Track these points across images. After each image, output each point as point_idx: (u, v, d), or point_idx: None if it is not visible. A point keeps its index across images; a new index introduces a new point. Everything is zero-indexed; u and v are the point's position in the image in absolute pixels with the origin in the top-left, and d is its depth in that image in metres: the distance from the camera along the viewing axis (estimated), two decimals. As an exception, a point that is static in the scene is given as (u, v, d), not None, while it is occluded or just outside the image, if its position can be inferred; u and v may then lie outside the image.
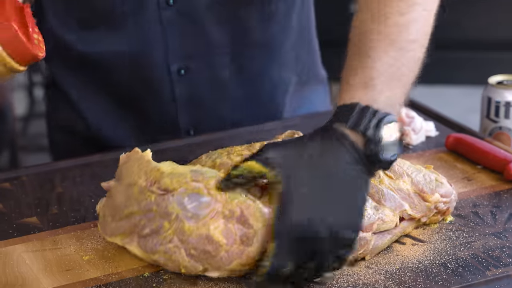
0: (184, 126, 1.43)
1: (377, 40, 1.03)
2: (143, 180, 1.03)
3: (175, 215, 1.00)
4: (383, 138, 0.97)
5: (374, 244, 1.03)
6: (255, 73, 1.43)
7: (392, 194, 1.07)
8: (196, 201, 0.99)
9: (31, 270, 1.03)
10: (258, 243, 0.97)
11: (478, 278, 1.00)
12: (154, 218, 1.01)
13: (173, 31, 1.36)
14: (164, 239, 1.00)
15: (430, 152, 1.32)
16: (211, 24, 1.36)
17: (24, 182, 1.25)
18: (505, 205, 1.16)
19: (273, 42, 1.42)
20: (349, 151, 0.96)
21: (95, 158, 1.31)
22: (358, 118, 0.97)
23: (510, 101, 1.34)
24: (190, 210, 0.99)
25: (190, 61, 1.38)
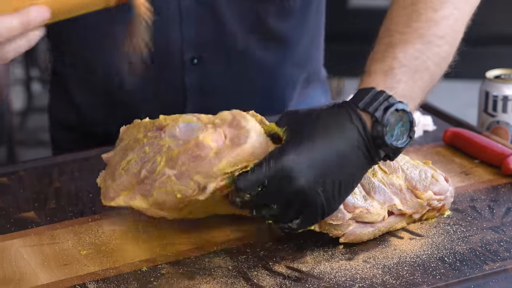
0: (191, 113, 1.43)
1: (406, 33, 1.05)
2: (141, 133, 1.04)
3: (166, 146, 1.00)
4: (391, 123, 0.98)
5: (352, 230, 1.04)
6: (268, 67, 1.43)
7: (383, 188, 1.07)
8: (186, 128, 0.99)
9: (29, 265, 1.03)
10: (251, 142, 0.97)
11: (475, 272, 1.00)
12: (148, 158, 1.01)
13: (190, 20, 1.36)
14: (157, 174, 0.99)
15: (427, 147, 1.32)
16: (228, 16, 1.37)
17: (22, 176, 1.25)
18: (502, 199, 1.16)
19: (289, 38, 1.43)
20: (356, 127, 0.98)
21: (93, 152, 1.31)
22: (371, 100, 0.99)
23: (508, 95, 1.34)
24: (180, 137, 0.99)
25: (204, 51, 1.39)
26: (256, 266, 1.02)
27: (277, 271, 1.01)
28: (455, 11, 1.09)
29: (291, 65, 1.46)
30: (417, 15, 1.07)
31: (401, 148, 1.00)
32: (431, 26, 1.07)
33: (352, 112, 0.99)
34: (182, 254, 1.05)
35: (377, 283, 0.98)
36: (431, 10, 1.07)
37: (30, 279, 1.00)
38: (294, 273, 1.01)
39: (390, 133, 0.99)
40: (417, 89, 1.04)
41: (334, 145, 0.97)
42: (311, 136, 0.97)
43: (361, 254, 1.04)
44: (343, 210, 1.03)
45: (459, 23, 1.10)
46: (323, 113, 1.00)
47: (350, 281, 0.99)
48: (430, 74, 1.06)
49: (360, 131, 0.98)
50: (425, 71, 1.05)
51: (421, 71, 1.04)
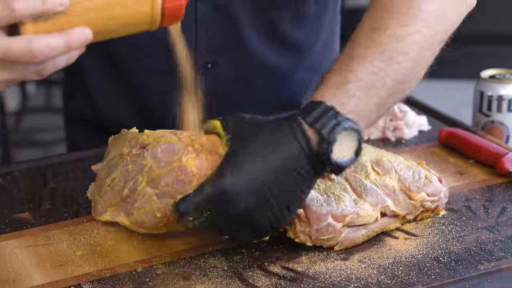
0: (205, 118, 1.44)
1: (368, 46, 1.03)
2: (126, 148, 1.06)
3: (148, 166, 1.02)
4: (338, 141, 0.97)
5: (345, 236, 1.04)
6: (280, 73, 1.43)
7: (376, 189, 1.07)
8: (168, 150, 1.01)
9: (24, 266, 1.03)
10: None
11: (470, 272, 1.00)
12: (131, 177, 1.03)
13: (205, 25, 1.36)
14: (138, 194, 1.02)
15: (422, 146, 1.32)
16: (242, 21, 1.37)
17: (17, 177, 1.25)
18: (497, 199, 1.16)
19: (303, 44, 1.43)
20: (300, 143, 0.96)
21: (88, 153, 1.31)
22: (319, 116, 0.97)
23: (503, 95, 1.34)
24: (162, 159, 1.01)
25: (218, 56, 1.39)
26: (251, 266, 1.02)
27: (272, 271, 1.01)
28: (425, 28, 1.06)
29: (303, 70, 1.46)
30: (382, 29, 1.04)
31: (345, 166, 0.98)
32: (392, 42, 1.04)
33: (296, 127, 0.97)
34: (177, 255, 1.05)
35: (372, 283, 0.98)
36: (398, 25, 1.04)
37: (25, 280, 1.00)
38: (289, 273, 1.01)
39: (336, 151, 0.96)
40: (371, 105, 1.01)
41: (275, 162, 0.96)
42: (251, 153, 0.96)
43: (356, 254, 1.04)
44: (333, 222, 1.03)
45: (428, 41, 1.06)
46: (266, 127, 0.98)
47: (345, 281, 0.99)
48: (388, 91, 1.02)
49: (304, 147, 0.96)
50: (382, 88, 1.02)
51: (378, 87, 1.01)
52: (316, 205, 1.02)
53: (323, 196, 1.04)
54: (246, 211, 0.96)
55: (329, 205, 1.03)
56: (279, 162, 0.96)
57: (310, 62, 1.46)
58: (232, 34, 1.38)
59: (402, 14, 1.05)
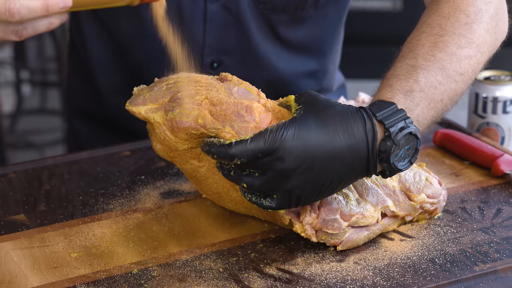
0: None
1: (430, 60, 1.06)
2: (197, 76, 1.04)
3: (217, 89, 1.01)
4: (401, 143, 0.99)
5: (348, 237, 1.04)
6: (283, 76, 1.44)
7: (376, 189, 1.07)
8: (243, 93, 1.01)
9: (19, 268, 1.03)
10: None
11: (466, 274, 1.00)
12: (196, 90, 1.01)
13: (214, 24, 1.37)
14: (192, 99, 1.00)
15: (418, 148, 1.32)
16: (250, 23, 1.38)
17: (12, 179, 1.25)
18: (492, 201, 1.16)
19: (305, 49, 1.44)
20: (366, 135, 0.97)
21: (84, 155, 1.31)
22: (390, 114, 0.99)
23: (498, 97, 1.34)
24: (234, 95, 1.01)
25: (224, 56, 1.40)
26: (247, 268, 1.02)
27: (268, 273, 1.01)
28: (479, 54, 1.10)
29: (306, 77, 1.47)
30: (442, 46, 1.07)
31: (400, 169, 1.00)
32: (453, 61, 1.07)
33: (367, 119, 0.98)
34: (173, 256, 1.04)
35: (368, 284, 0.98)
36: (456, 46, 1.08)
37: (20, 282, 1.00)
38: (285, 275, 1.01)
39: (395, 152, 0.99)
40: (429, 118, 1.05)
41: (336, 144, 0.97)
42: (319, 123, 0.97)
43: (352, 255, 1.04)
44: (340, 219, 1.03)
45: (479, 66, 1.11)
46: (340, 109, 0.99)
47: (341, 282, 0.99)
48: (443, 107, 1.07)
49: (369, 140, 0.97)
50: (440, 102, 1.05)
51: (437, 101, 1.05)
52: (330, 199, 1.02)
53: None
54: (284, 173, 0.95)
55: (340, 202, 1.03)
56: (340, 144, 0.97)
57: (315, 69, 1.47)
58: (240, 35, 1.39)
59: (461, 36, 1.08)
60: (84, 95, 1.52)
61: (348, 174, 0.98)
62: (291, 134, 0.95)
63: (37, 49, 3.53)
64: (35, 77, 3.63)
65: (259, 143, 0.95)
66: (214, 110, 0.99)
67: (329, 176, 0.97)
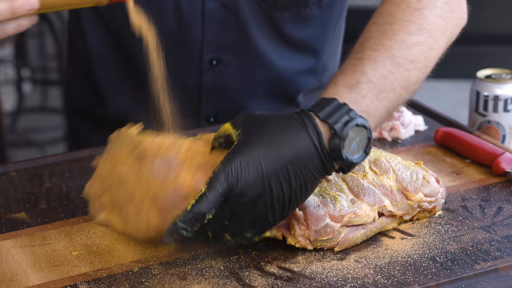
0: (206, 112, 1.45)
1: (378, 50, 1.04)
2: (124, 151, 1.05)
3: (144, 181, 1.01)
4: (350, 137, 0.97)
5: (344, 237, 1.04)
6: (284, 73, 1.44)
7: (373, 189, 1.07)
8: (165, 165, 1.01)
9: (20, 266, 1.03)
10: None
11: (467, 272, 1.00)
12: (128, 188, 1.03)
13: (212, 22, 1.37)
14: (135, 208, 1.01)
15: (419, 146, 1.32)
16: (249, 20, 1.38)
17: (13, 177, 1.25)
18: (493, 199, 1.16)
19: (306, 47, 1.44)
20: (311, 138, 0.96)
21: (84, 153, 1.31)
22: (331, 111, 0.98)
23: (499, 95, 1.34)
24: (159, 174, 1.00)
25: (223, 53, 1.40)
26: (248, 266, 1.02)
27: (268, 271, 1.01)
28: (430, 40, 1.08)
29: (306, 74, 1.47)
30: (391, 34, 1.06)
31: (356, 163, 0.99)
32: (403, 48, 1.05)
33: (308, 122, 0.96)
34: (173, 254, 1.04)
35: (369, 283, 0.98)
36: (406, 33, 1.06)
37: (21, 280, 1.00)
38: (285, 273, 1.01)
39: (347, 147, 0.97)
40: (381, 108, 1.03)
41: (285, 157, 0.95)
42: (262, 143, 0.95)
43: (352, 254, 1.04)
44: (331, 223, 1.03)
45: (432, 52, 1.09)
46: (277, 120, 0.97)
47: (341, 281, 0.99)
48: (396, 96, 1.04)
49: (315, 142, 0.96)
50: (392, 92, 1.04)
51: (388, 91, 1.03)
52: (314, 206, 1.02)
53: (319, 197, 1.04)
54: (251, 202, 0.94)
55: (326, 206, 1.03)
56: (289, 155, 0.95)
57: (315, 66, 1.47)
58: (239, 33, 1.39)
59: (411, 22, 1.07)
60: (84, 93, 1.52)
61: (308, 180, 0.97)
62: (239, 164, 0.94)
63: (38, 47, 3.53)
64: (36, 75, 3.64)
65: (217, 187, 0.93)
66: (158, 209, 1.00)
67: (289, 189, 0.96)
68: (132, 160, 1.04)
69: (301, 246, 1.04)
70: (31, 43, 3.58)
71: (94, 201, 1.08)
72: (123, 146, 1.07)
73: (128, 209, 1.03)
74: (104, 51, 1.45)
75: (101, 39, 1.44)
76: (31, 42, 3.58)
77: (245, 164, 0.94)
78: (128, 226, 1.03)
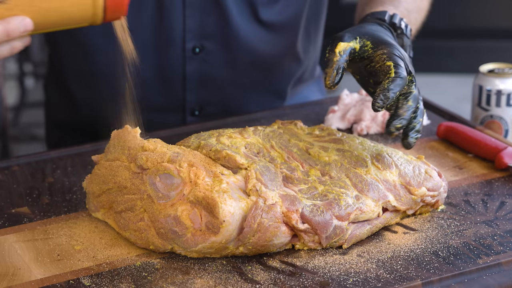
0: (190, 105, 1.45)
1: None
2: (125, 156, 1.06)
3: (147, 194, 1.02)
4: None
5: (351, 233, 1.04)
6: (266, 59, 1.45)
7: (377, 185, 1.07)
8: (166, 182, 1.02)
9: (23, 260, 1.03)
10: (223, 233, 0.99)
11: (469, 266, 1.00)
12: (128, 195, 1.04)
13: (193, 9, 1.37)
14: (135, 217, 1.03)
15: (421, 141, 1.32)
16: (231, 7, 1.38)
17: (15, 172, 1.25)
18: (496, 194, 1.16)
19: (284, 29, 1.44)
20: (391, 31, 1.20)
21: (87, 147, 1.31)
22: (392, 16, 1.20)
23: (501, 90, 1.34)
24: (160, 190, 1.02)
25: (206, 40, 1.40)
26: (250, 260, 1.02)
27: (271, 266, 1.01)
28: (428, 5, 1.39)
29: (289, 59, 1.47)
30: None
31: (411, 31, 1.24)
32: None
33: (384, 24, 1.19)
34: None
35: (371, 277, 0.98)
36: None
37: (24, 274, 1.00)
38: (288, 268, 1.01)
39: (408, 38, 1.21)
40: (412, 27, 1.28)
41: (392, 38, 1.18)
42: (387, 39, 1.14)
43: (355, 248, 1.04)
44: (338, 223, 1.02)
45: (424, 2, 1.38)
46: (373, 25, 1.17)
47: (344, 275, 0.99)
48: (416, 20, 1.32)
49: (394, 35, 1.20)
50: (416, 15, 1.32)
51: (415, 13, 1.31)
52: (318, 214, 1.02)
53: (322, 201, 1.04)
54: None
55: (330, 208, 1.03)
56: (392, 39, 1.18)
57: (295, 51, 1.47)
58: (220, 18, 1.39)
59: None
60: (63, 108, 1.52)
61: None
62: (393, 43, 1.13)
63: (40, 42, 3.53)
64: (39, 70, 3.64)
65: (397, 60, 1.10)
66: (157, 232, 1.02)
67: None
68: (133, 168, 1.05)
69: (311, 248, 1.04)
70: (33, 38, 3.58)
71: (93, 198, 1.09)
72: (124, 150, 1.07)
73: (128, 216, 1.04)
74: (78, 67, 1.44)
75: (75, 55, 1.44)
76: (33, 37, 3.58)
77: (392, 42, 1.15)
78: (127, 232, 1.05)
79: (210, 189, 1.00)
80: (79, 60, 1.44)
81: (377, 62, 1.11)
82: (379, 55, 1.11)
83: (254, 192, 1.01)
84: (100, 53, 1.40)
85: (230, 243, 1.00)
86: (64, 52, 1.45)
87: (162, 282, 0.98)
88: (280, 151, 1.11)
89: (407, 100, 1.09)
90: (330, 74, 1.08)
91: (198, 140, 1.10)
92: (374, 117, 1.34)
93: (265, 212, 1.00)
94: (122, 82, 1.11)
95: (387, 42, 1.13)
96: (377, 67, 1.10)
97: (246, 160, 1.05)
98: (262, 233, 1.00)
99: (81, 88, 1.46)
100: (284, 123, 1.18)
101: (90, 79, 1.44)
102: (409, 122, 1.09)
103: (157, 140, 1.07)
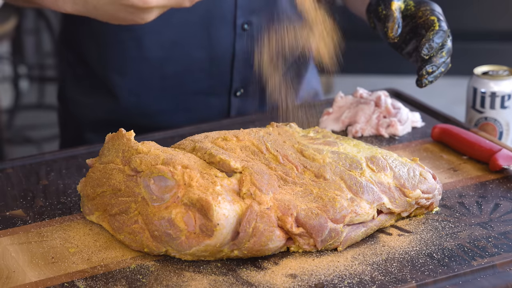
0: (236, 85, 1.47)
1: None
2: (120, 159, 1.06)
3: (141, 196, 1.03)
4: None
5: (346, 236, 1.04)
6: None
7: (371, 187, 1.07)
8: (161, 184, 1.02)
9: (17, 263, 1.03)
10: (217, 236, 0.99)
11: (464, 268, 1.00)
12: (122, 198, 1.04)
13: None
14: (130, 219, 1.03)
15: (416, 143, 1.32)
16: None
17: (10, 174, 1.25)
18: (490, 196, 1.16)
19: None
20: None
21: (81, 150, 1.31)
22: None
23: (496, 92, 1.34)
24: (154, 192, 1.02)
25: (253, 16, 1.42)
26: (245, 263, 1.02)
27: (266, 268, 1.01)
28: None
29: None
30: None
31: None
32: None
33: None
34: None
35: (366, 279, 0.98)
36: None
37: (18, 277, 1.00)
38: (283, 270, 1.00)
39: None
40: None
41: None
42: None
43: (350, 250, 1.04)
44: (333, 226, 1.02)
45: None
46: None
47: (339, 277, 0.99)
48: None
49: None
50: None
51: None
52: (313, 218, 1.02)
53: (317, 203, 1.04)
54: None
55: (325, 211, 1.03)
56: None
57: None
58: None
59: None
60: (101, 97, 1.52)
61: None
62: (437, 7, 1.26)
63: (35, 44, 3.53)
64: (33, 72, 3.63)
65: (442, 25, 1.23)
66: (151, 235, 1.02)
67: None
68: (127, 171, 1.05)
69: (306, 251, 1.04)
70: (28, 40, 3.57)
71: (87, 201, 1.09)
72: (118, 152, 1.07)
73: (122, 219, 1.04)
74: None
75: None
76: (28, 39, 3.57)
77: None
78: (121, 235, 1.05)
79: (204, 191, 1.00)
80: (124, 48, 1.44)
81: (420, 17, 1.25)
82: (422, 11, 1.25)
83: (248, 196, 1.01)
84: (150, 36, 1.40)
85: (225, 246, 1.00)
86: (109, 42, 1.45)
87: (157, 285, 0.98)
88: (274, 154, 1.11)
89: (442, 51, 1.22)
90: (392, 27, 1.23)
91: (193, 142, 1.10)
92: (369, 119, 1.34)
93: (260, 217, 1.00)
94: None
95: (427, 1, 1.27)
96: (420, 22, 1.24)
97: (240, 164, 1.05)
98: (257, 237, 1.00)
99: (123, 78, 1.46)
100: (278, 125, 1.18)
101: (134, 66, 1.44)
102: None
103: (151, 143, 1.08)
